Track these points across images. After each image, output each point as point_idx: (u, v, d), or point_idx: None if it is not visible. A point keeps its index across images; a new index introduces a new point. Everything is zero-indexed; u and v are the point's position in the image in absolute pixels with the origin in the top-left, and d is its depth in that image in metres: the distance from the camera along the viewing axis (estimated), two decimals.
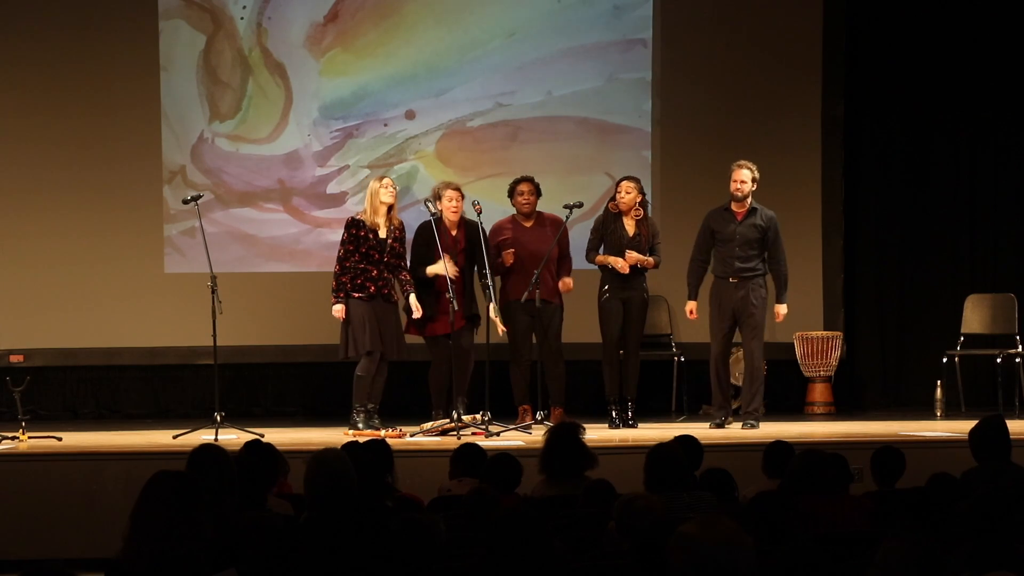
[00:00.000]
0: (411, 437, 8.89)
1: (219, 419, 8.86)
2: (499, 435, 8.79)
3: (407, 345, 9.52)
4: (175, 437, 8.78)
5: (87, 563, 4.94)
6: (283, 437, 8.62)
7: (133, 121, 10.83)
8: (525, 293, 9.31)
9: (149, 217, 10.84)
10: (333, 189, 11.04)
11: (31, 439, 8.73)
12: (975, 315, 11.04)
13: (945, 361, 10.78)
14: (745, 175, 9.53)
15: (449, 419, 9.05)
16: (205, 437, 8.56)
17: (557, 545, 4.46)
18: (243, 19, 10.96)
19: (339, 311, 9.24)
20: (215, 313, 8.89)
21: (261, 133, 11.00)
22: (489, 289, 9.27)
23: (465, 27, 11.13)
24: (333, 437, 8.76)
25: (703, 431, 8.59)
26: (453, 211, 9.49)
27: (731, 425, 9.59)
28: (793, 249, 9.89)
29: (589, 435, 8.81)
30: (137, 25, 10.84)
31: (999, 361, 10.76)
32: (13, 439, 8.67)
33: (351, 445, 6.38)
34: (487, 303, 9.35)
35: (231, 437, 8.48)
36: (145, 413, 10.97)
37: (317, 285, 10.25)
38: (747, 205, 9.57)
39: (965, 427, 6.58)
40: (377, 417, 9.26)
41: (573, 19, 11.19)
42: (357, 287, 9.25)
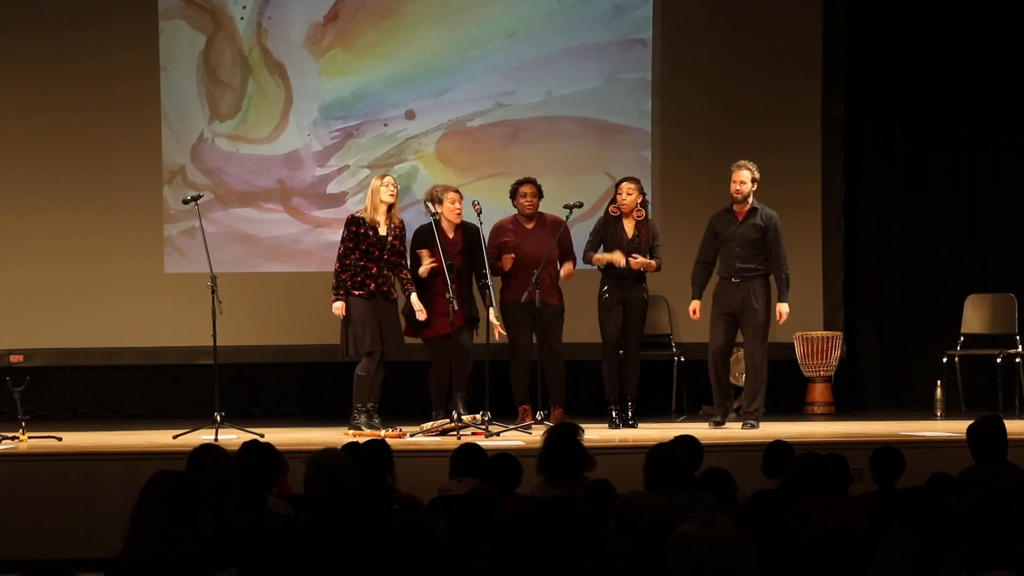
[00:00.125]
0: (411, 437, 8.89)
1: (219, 419, 8.86)
2: (499, 435, 8.79)
3: (406, 345, 9.52)
4: (175, 437, 8.78)
5: (87, 563, 4.94)
6: (283, 437, 8.61)
7: (133, 121, 10.83)
8: (525, 294, 9.32)
9: (149, 217, 10.84)
10: (333, 189, 11.03)
11: (31, 439, 8.73)
12: (975, 315, 11.03)
13: (945, 361, 10.78)
14: (745, 176, 9.53)
15: (449, 419, 9.05)
16: (205, 437, 8.56)
17: (564, 546, 4.45)
18: (243, 19, 10.95)
19: (339, 308, 9.24)
20: (215, 313, 8.89)
21: (261, 133, 10.99)
22: (488, 291, 9.26)
23: (465, 27, 11.13)
24: (333, 437, 8.76)
25: (703, 431, 8.58)
26: (456, 213, 9.49)
27: (731, 424, 9.59)
28: (793, 249, 9.88)
29: (589, 435, 8.84)
30: (137, 25, 10.84)
31: (999, 361, 10.76)
32: (13, 439, 8.67)
33: (351, 445, 6.38)
34: (486, 306, 9.34)
35: (231, 437, 8.48)
36: (145, 413, 10.96)
37: (317, 285, 10.25)
38: (748, 205, 9.57)
39: (965, 427, 6.58)
40: (377, 416, 9.26)
41: (573, 19, 11.19)
42: (357, 284, 9.25)
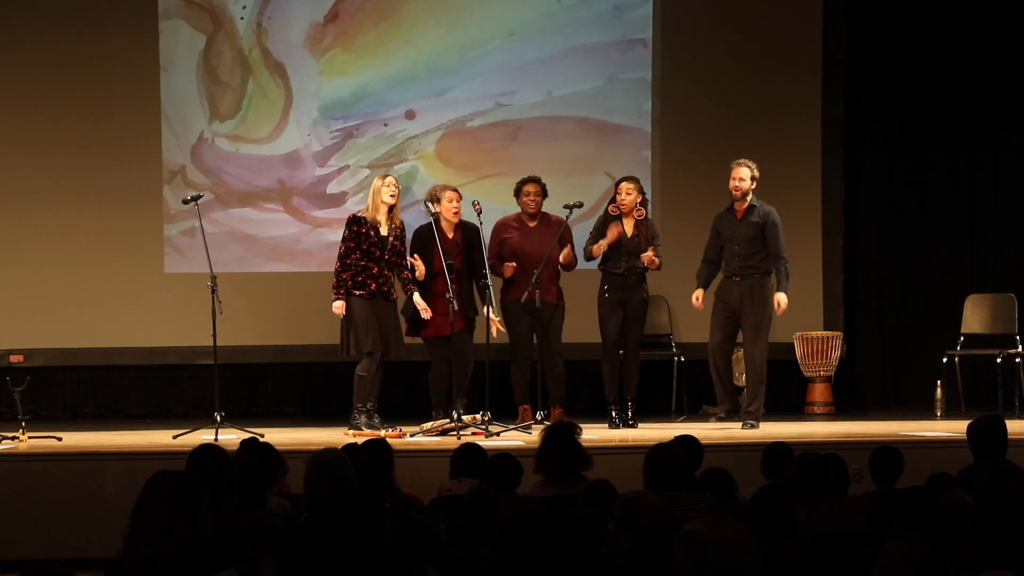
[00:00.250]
0: (411, 437, 8.88)
1: (219, 419, 8.86)
2: (499, 435, 8.79)
3: (406, 345, 9.52)
4: (175, 437, 8.78)
5: (87, 563, 4.94)
6: (283, 437, 8.61)
7: (133, 121, 10.83)
8: (525, 293, 9.31)
9: (149, 217, 10.84)
10: (333, 189, 11.03)
11: (31, 439, 8.73)
12: (975, 315, 11.03)
13: (945, 361, 10.77)
14: (744, 173, 9.53)
15: (449, 419, 9.05)
16: (205, 437, 8.56)
17: (566, 544, 4.45)
18: (243, 19, 10.95)
19: (339, 307, 9.22)
20: (215, 313, 8.89)
21: (261, 133, 10.99)
22: (488, 291, 9.26)
23: (465, 27, 11.12)
24: (333, 437, 8.76)
25: (703, 431, 8.56)
26: (454, 212, 9.49)
27: (731, 424, 9.56)
28: (793, 249, 9.87)
29: (589, 435, 8.86)
30: (137, 25, 10.84)
31: (999, 361, 10.75)
32: (13, 439, 8.67)
33: (351, 445, 6.38)
34: (485, 305, 9.33)
35: (231, 437, 8.47)
36: (145, 413, 10.96)
37: (317, 285, 10.25)
38: (747, 203, 9.57)
39: (965, 427, 6.58)
40: (377, 416, 9.26)
41: (573, 19, 11.19)
42: (358, 284, 9.24)
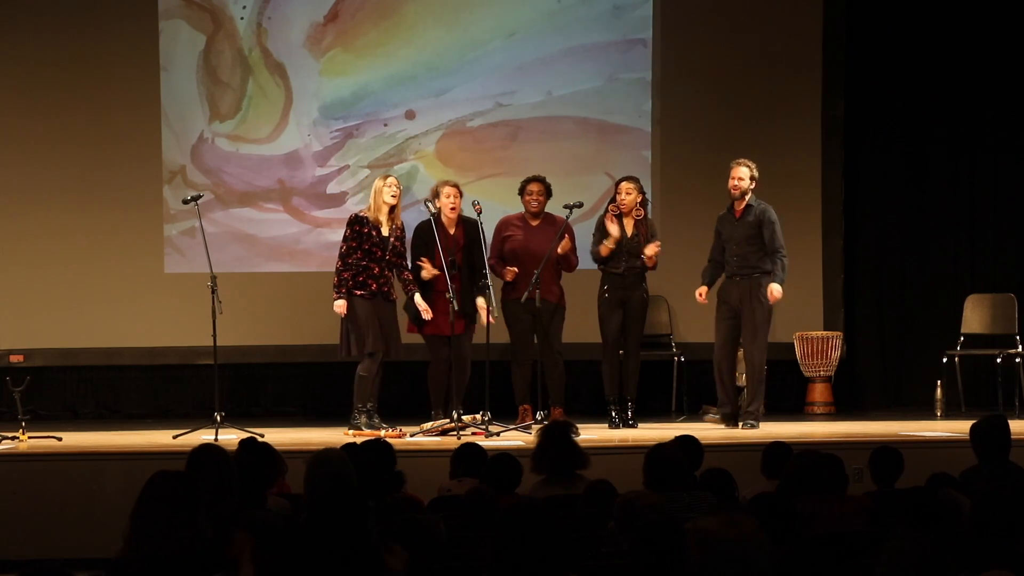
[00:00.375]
0: (411, 437, 8.89)
1: (219, 419, 8.87)
2: (499, 435, 8.79)
3: (405, 345, 9.52)
4: (175, 437, 8.78)
5: (87, 563, 4.94)
6: (283, 437, 8.62)
7: (133, 121, 10.83)
8: (525, 293, 9.31)
9: (149, 217, 10.84)
10: (333, 189, 11.03)
11: (31, 439, 8.73)
12: (975, 315, 11.03)
13: (945, 361, 10.77)
14: (743, 172, 9.52)
15: (449, 419, 9.05)
16: (205, 437, 8.56)
17: (563, 542, 4.45)
18: (243, 19, 10.95)
19: (341, 307, 9.19)
20: (215, 313, 8.89)
21: (261, 133, 10.99)
22: (488, 291, 9.25)
23: (465, 27, 11.12)
24: (333, 437, 8.76)
25: (703, 431, 8.56)
26: (451, 208, 9.47)
27: (730, 426, 9.57)
28: (793, 249, 9.86)
29: (589, 435, 8.89)
30: (137, 25, 10.84)
31: (999, 361, 10.75)
32: (13, 439, 8.67)
33: (351, 445, 6.37)
34: (478, 296, 9.32)
35: (231, 437, 8.46)
36: (145, 413, 10.96)
37: (317, 285, 10.25)
38: (745, 203, 9.56)
39: (965, 427, 6.58)
40: (377, 416, 9.25)
41: (573, 19, 11.19)
42: (359, 284, 9.23)
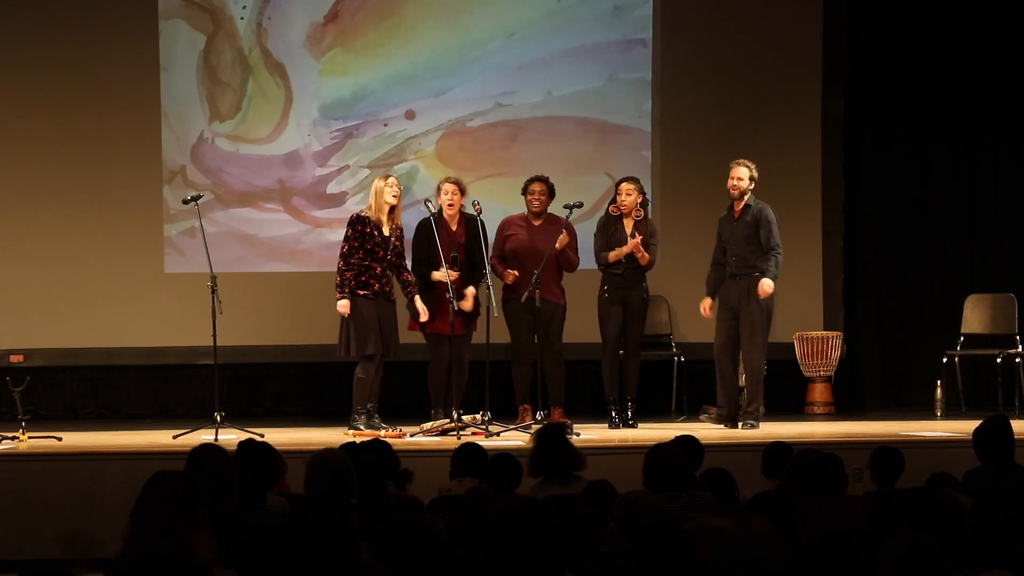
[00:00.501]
0: (411, 437, 8.89)
1: (219, 419, 8.86)
2: (499, 435, 8.79)
3: (406, 345, 9.51)
4: (175, 437, 8.78)
5: (87, 563, 4.93)
6: (283, 437, 8.62)
7: (133, 121, 10.83)
8: (526, 293, 9.31)
9: (149, 217, 10.84)
10: (333, 189, 11.03)
11: (31, 439, 8.73)
12: (975, 315, 11.03)
13: (945, 361, 10.78)
14: (742, 173, 9.51)
15: (449, 419, 9.05)
16: (205, 437, 8.56)
17: (558, 541, 4.45)
18: (243, 19, 10.95)
19: (345, 307, 9.13)
20: (215, 313, 8.89)
21: (261, 133, 10.99)
22: (489, 290, 9.25)
23: (465, 27, 11.12)
24: (333, 437, 8.75)
25: (703, 431, 8.56)
26: (448, 205, 9.46)
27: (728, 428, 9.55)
28: (793, 249, 9.86)
29: (589, 435, 8.90)
30: (137, 25, 10.84)
31: (999, 361, 10.76)
32: (13, 439, 8.67)
33: (351, 445, 6.37)
34: (480, 286, 9.32)
35: (231, 437, 8.46)
36: (145, 413, 10.96)
37: (317, 285, 10.24)
38: (743, 203, 9.56)
39: (965, 427, 6.60)
40: (377, 416, 9.25)
41: (573, 19, 11.19)
42: (361, 284, 9.20)
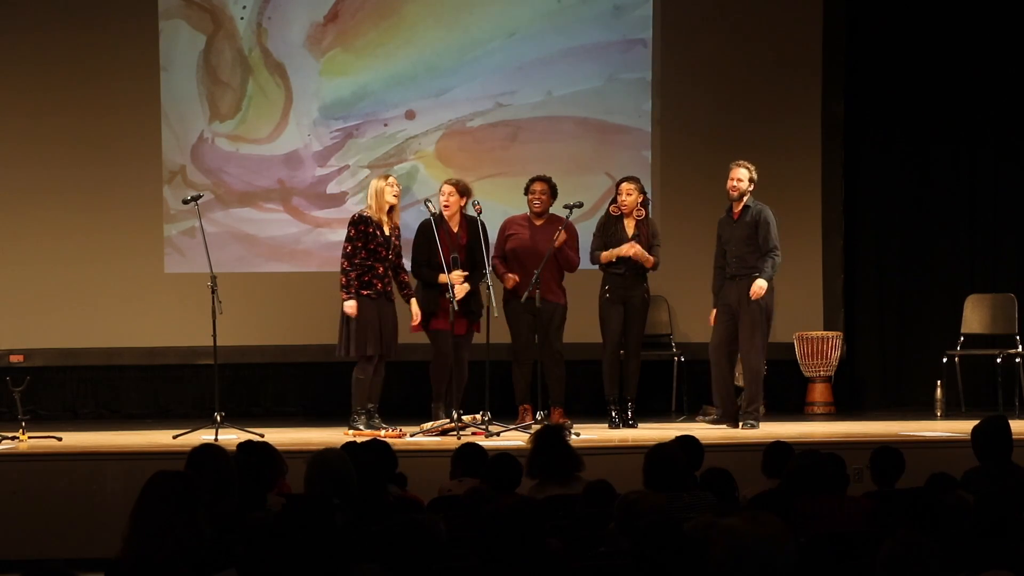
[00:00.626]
0: (411, 437, 8.89)
1: (219, 419, 8.86)
2: (499, 435, 8.79)
3: (406, 345, 9.51)
4: (175, 437, 8.78)
5: (87, 563, 4.93)
6: (283, 437, 8.62)
7: (133, 121, 10.83)
8: (526, 292, 9.31)
9: (149, 217, 10.84)
10: (333, 189, 11.03)
11: (31, 439, 8.73)
12: (975, 315, 11.03)
13: (945, 361, 10.77)
14: (742, 174, 9.52)
15: (449, 419, 9.05)
16: (205, 437, 8.56)
17: (553, 542, 4.46)
18: (243, 19, 10.95)
19: (352, 307, 9.06)
20: (215, 313, 8.89)
21: (261, 133, 11.00)
22: (490, 290, 9.25)
23: (465, 27, 11.12)
24: (333, 437, 8.75)
25: (703, 431, 8.57)
26: (445, 206, 9.45)
27: (730, 424, 9.55)
28: (793, 249, 9.86)
29: (589, 435, 8.91)
30: (137, 25, 10.85)
31: (999, 361, 10.76)
32: (13, 439, 8.67)
33: (351, 445, 6.37)
34: (483, 286, 9.32)
35: (231, 437, 8.46)
36: (145, 413, 10.96)
37: (317, 285, 10.25)
38: (742, 204, 9.56)
39: (965, 427, 6.59)
40: (378, 416, 9.24)
41: (573, 19, 11.19)
42: (365, 284, 9.17)
